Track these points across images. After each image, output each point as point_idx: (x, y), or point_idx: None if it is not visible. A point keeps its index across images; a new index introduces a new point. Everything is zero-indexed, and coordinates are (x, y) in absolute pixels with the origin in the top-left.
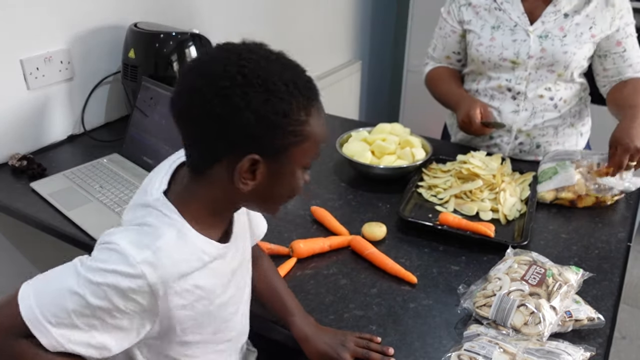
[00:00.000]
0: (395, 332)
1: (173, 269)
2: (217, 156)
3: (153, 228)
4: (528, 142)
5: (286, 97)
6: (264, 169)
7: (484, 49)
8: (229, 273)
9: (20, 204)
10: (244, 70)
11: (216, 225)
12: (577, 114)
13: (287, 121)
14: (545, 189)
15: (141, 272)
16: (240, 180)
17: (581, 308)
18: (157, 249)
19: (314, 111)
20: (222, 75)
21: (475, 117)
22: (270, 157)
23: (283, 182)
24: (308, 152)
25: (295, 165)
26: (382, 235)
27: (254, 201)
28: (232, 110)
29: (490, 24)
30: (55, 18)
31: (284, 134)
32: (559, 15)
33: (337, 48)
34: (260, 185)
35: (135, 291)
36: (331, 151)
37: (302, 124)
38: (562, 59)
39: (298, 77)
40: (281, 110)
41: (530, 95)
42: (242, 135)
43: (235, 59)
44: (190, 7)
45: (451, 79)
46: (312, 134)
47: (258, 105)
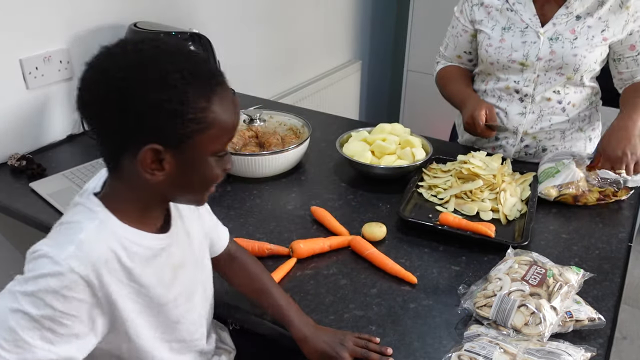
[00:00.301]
0: (395, 333)
1: (99, 257)
2: (121, 149)
3: (75, 224)
4: (534, 144)
5: (181, 85)
6: (171, 159)
7: (493, 50)
8: (170, 269)
9: (19, 204)
10: (139, 61)
11: (146, 220)
12: (587, 118)
13: (185, 109)
14: (549, 185)
15: (69, 267)
16: (145, 172)
17: (582, 308)
18: (80, 242)
19: (215, 98)
20: (118, 67)
21: (479, 119)
22: (174, 146)
23: (196, 171)
24: (216, 139)
25: (203, 153)
26: (382, 235)
27: (173, 192)
28: (126, 101)
29: (501, 25)
30: (54, 18)
31: (183, 123)
32: (570, 17)
33: (337, 48)
34: (171, 175)
35: (70, 288)
36: (331, 151)
37: (204, 111)
38: (571, 61)
39: (196, 66)
40: (176, 99)
41: (538, 98)
42: (139, 126)
43: (131, 51)
44: (190, 7)
45: (460, 78)
46: (217, 120)
47: (152, 95)
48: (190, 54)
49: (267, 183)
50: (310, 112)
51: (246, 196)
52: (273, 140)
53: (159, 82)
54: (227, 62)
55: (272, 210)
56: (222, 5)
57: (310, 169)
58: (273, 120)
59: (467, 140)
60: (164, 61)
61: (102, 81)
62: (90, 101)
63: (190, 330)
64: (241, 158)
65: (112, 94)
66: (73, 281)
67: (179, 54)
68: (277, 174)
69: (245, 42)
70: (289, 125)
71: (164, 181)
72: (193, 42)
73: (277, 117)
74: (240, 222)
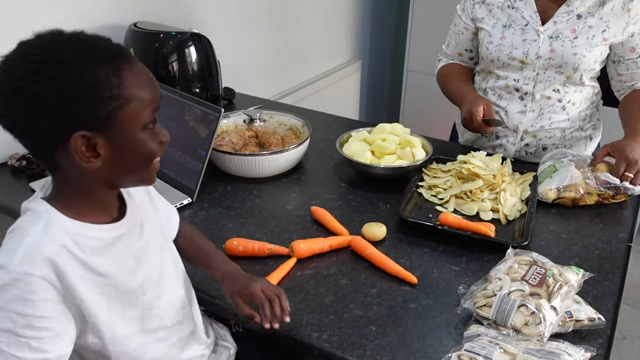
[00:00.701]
0: (395, 332)
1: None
2: (51, 147)
3: (20, 229)
4: (534, 143)
5: (87, 68)
6: (103, 143)
7: (494, 47)
8: (131, 257)
9: (19, 204)
10: (35, 58)
11: (95, 212)
12: (588, 117)
13: (100, 90)
14: (547, 188)
15: (24, 271)
16: (82, 161)
17: (582, 308)
18: (28, 245)
19: (126, 73)
20: (15, 69)
21: (477, 114)
22: (101, 129)
23: (131, 149)
24: (138, 112)
25: (132, 129)
26: (382, 235)
27: (117, 175)
28: (32, 98)
29: (502, 23)
30: (54, 17)
31: (102, 103)
32: (571, 15)
33: (337, 48)
34: (109, 159)
35: (33, 291)
36: (331, 151)
37: (119, 87)
38: (571, 60)
39: (96, 47)
40: (86, 82)
41: (538, 96)
42: (55, 118)
43: (27, 51)
44: (190, 7)
45: (461, 76)
46: (134, 94)
47: (58, 85)
48: (89, 39)
49: (267, 183)
50: (310, 112)
51: (246, 196)
52: (273, 140)
53: (66, 71)
54: (227, 62)
55: (272, 210)
56: (222, 5)
57: (310, 169)
58: (273, 120)
59: (467, 140)
60: (64, 51)
61: (3, 89)
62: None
63: (170, 314)
64: (241, 158)
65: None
66: (33, 283)
67: (77, 41)
68: (277, 174)
69: (245, 42)
70: (289, 125)
71: (103, 167)
72: (193, 42)
73: (277, 117)
74: (240, 222)
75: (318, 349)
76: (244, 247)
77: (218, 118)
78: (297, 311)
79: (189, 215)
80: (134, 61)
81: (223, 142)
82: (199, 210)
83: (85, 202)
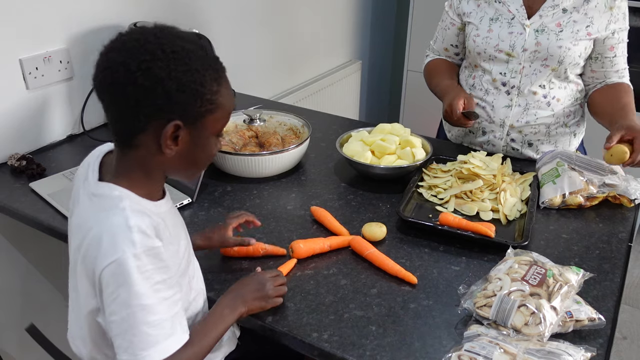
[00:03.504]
0: (395, 333)
1: (148, 222)
2: (144, 125)
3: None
4: (520, 138)
5: (200, 69)
6: (184, 136)
7: (481, 40)
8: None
9: (19, 204)
10: (162, 46)
11: (153, 192)
12: (572, 114)
13: (204, 90)
14: (551, 195)
15: (138, 227)
16: (166, 146)
17: (582, 308)
18: (127, 212)
19: (223, 83)
20: (142, 50)
21: (456, 107)
22: (190, 124)
23: (200, 148)
24: (220, 120)
25: (210, 132)
26: (382, 235)
27: (179, 166)
28: (155, 80)
29: (489, 16)
30: (54, 17)
31: (202, 102)
32: (557, 9)
33: (337, 48)
34: (182, 151)
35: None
36: (331, 151)
37: (216, 94)
38: (556, 53)
39: (207, 54)
40: (198, 80)
41: (524, 91)
42: (166, 103)
43: (152, 37)
44: (190, 7)
45: (446, 71)
46: (224, 103)
47: (179, 75)
48: (200, 42)
49: (267, 183)
50: (310, 112)
51: (246, 196)
52: (273, 140)
53: (183, 66)
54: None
55: (272, 210)
56: (222, 5)
57: (310, 169)
58: (273, 120)
59: (456, 137)
60: (183, 47)
61: (129, 63)
62: (114, 82)
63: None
64: (241, 158)
65: (140, 75)
66: (151, 232)
67: (193, 43)
68: (277, 174)
69: (246, 42)
70: (289, 125)
71: (174, 157)
72: None
73: (277, 117)
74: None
75: (318, 349)
76: (239, 248)
77: None
78: (297, 311)
79: (189, 215)
80: (225, 73)
81: (223, 142)
82: (199, 210)
83: (145, 184)
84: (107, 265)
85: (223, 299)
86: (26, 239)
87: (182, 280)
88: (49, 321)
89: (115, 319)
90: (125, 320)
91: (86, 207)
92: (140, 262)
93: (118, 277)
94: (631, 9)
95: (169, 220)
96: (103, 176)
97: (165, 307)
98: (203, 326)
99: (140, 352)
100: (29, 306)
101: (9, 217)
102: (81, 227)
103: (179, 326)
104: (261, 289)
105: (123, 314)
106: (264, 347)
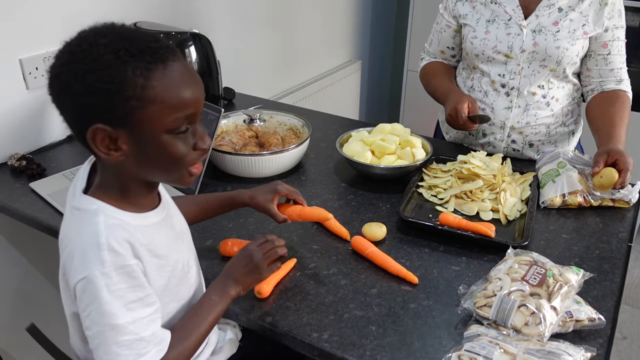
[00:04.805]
0: (395, 333)
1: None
2: (80, 134)
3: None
4: (521, 140)
5: (115, 64)
6: (126, 138)
7: (479, 41)
8: (174, 237)
9: (19, 204)
10: (74, 49)
11: (139, 201)
12: (570, 113)
13: (123, 87)
14: (552, 195)
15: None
16: (100, 151)
17: (582, 308)
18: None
19: (156, 74)
20: (58, 56)
21: (462, 111)
22: (121, 125)
23: (155, 149)
24: (162, 115)
25: (154, 130)
26: (382, 235)
27: (145, 173)
28: (63, 86)
29: (485, 18)
30: (54, 17)
31: (122, 101)
32: (553, 9)
33: (337, 48)
34: (132, 155)
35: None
36: (331, 151)
37: (143, 89)
38: (554, 53)
39: (133, 44)
40: (110, 78)
41: (523, 92)
42: (78, 108)
43: (72, 40)
44: (190, 7)
45: (444, 74)
46: (158, 96)
47: (85, 77)
48: (132, 34)
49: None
50: (310, 112)
51: None
52: (273, 140)
53: (91, 64)
54: (227, 62)
55: None
56: (222, 5)
57: (310, 169)
58: (273, 120)
59: (455, 139)
60: (100, 44)
61: (49, 71)
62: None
63: (199, 289)
64: (241, 158)
65: (55, 82)
66: (123, 249)
67: (118, 37)
68: (277, 174)
69: (245, 42)
70: (289, 125)
71: (128, 161)
72: (193, 42)
73: (277, 117)
74: (240, 222)
75: (318, 349)
76: (239, 247)
77: (218, 118)
78: (297, 311)
79: None
80: (171, 61)
81: (223, 142)
82: None
83: (128, 193)
84: (79, 281)
85: (209, 287)
86: (26, 239)
87: (179, 288)
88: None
89: (89, 333)
90: (97, 337)
91: (68, 220)
92: (110, 280)
93: (88, 294)
94: (631, 8)
95: (158, 232)
96: (90, 186)
97: (140, 326)
98: (189, 322)
99: None
100: (29, 306)
101: (9, 217)
102: (62, 241)
103: (155, 346)
104: (249, 262)
105: (94, 330)
106: (264, 347)
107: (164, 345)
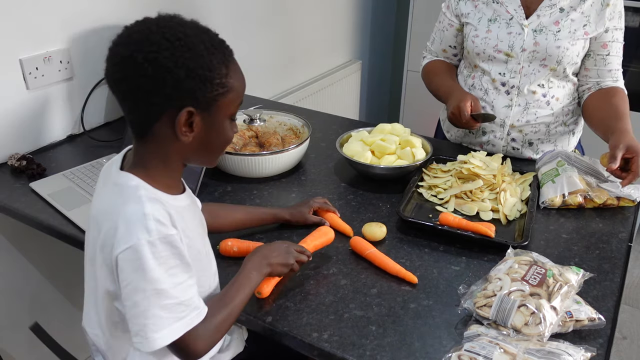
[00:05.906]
0: (395, 333)
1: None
2: (157, 114)
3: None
4: (520, 138)
5: (206, 54)
6: (199, 121)
7: (480, 40)
8: (199, 223)
9: (19, 204)
10: (166, 35)
11: (172, 184)
12: (570, 112)
13: (212, 75)
14: (551, 195)
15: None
16: (181, 133)
17: (582, 308)
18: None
19: (232, 66)
20: (147, 42)
21: (465, 110)
22: (203, 109)
23: (216, 132)
24: (233, 102)
25: (223, 115)
26: (382, 235)
27: (196, 152)
28: (163, 70)
29: (487, 17)
30: (54, 17)
31: (212, 87)
32: (554, 9)
33: (337, 48)
34: (198, 136)
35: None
36: (331, 151)
37: (225, 77)
38: (554, 53)
39: (212, 38)
40: (205, 65)
41: (524, 91)
42: (176, 91)
43: (155, 28)
44: (190, 7)
45: (446, 72)
46: (235, 85)
47: (186, 62)
48: (203, 28)
49: (267, 183)
50: (310, 112)
51: (246, 196)
52: (273, 140)
53: (189, 53)
54: None
55: None
56: (222, 5)
57: (310, 169)
58: (273, 120)
59: (456, 138)
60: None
61: (137, 56)
62: (125, 76)
63: (215, 282)
64: (241, 158)
65: (148, 66)
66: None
67: (198, 29)
68: (277, 174)
69: (246, 42)
70: (289, 125)
71: (191, 143)
72: None
73: (277, 117)
74: None
75: (318, 349)
76: (239, 247)
77: None
78: (297, 311)
79: None
80: (233, 55)
81: None
82: None
83: (165, 174)
84: (123, 251)
85: (248, 262)
86: (26, 239)
87: (201, 275)
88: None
89: (129, 303)
90: (139, 304)
91: (108, 195)
92: (155, 248)
93: (133, 262)
94: (631, 8)
95: (187, 215)
96: (124, 167)
97: (180, 291)
98: (229, 291)
99: (152, 334)
100: (29, 306)
101: (9, 217)
102: (101, 215)
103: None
104: (286, 253)
105: (137, 298)
106: (264, 347)
107: (202, 312)
